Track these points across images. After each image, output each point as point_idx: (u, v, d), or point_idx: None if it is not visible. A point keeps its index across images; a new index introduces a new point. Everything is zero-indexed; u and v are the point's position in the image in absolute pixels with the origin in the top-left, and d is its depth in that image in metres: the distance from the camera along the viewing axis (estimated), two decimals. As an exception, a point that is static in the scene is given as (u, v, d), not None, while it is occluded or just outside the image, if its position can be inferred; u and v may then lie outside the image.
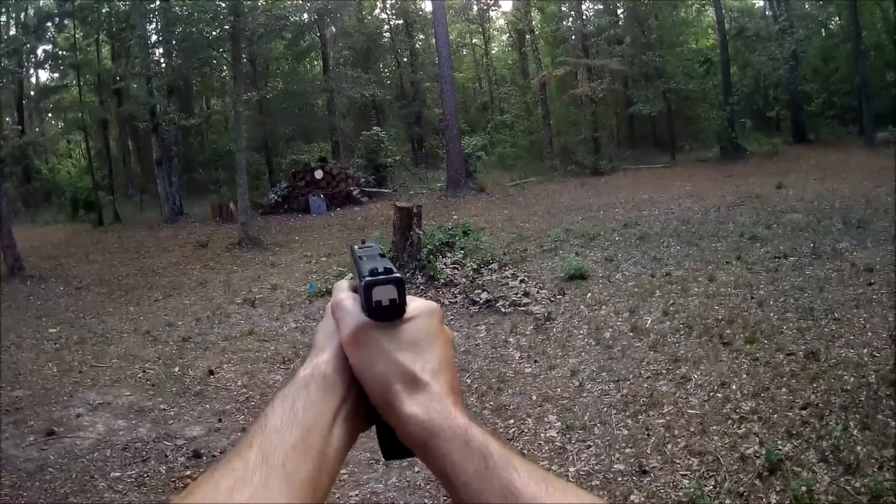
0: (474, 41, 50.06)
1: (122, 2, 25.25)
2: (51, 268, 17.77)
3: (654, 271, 11.79)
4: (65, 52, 34.71)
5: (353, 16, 39.27)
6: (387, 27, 43.74)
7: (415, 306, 0.79)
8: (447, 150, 27.39)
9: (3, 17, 31.69)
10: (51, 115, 43.86)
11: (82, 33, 31.05)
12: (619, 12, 37.79)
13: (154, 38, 26.02)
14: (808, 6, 34.20)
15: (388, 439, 0.77)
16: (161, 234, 23.30)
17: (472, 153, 28.26)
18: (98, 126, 34.46)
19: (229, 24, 19.78)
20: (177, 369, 9.24)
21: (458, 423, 0.71)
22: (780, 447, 5.61)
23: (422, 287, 11.78)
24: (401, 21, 42.36)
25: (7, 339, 11.13)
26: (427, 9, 38.09)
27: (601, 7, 38.00)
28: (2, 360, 10.05)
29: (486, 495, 0.66)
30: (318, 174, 26.29)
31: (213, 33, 21.57)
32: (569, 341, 9.01)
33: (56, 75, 39.48)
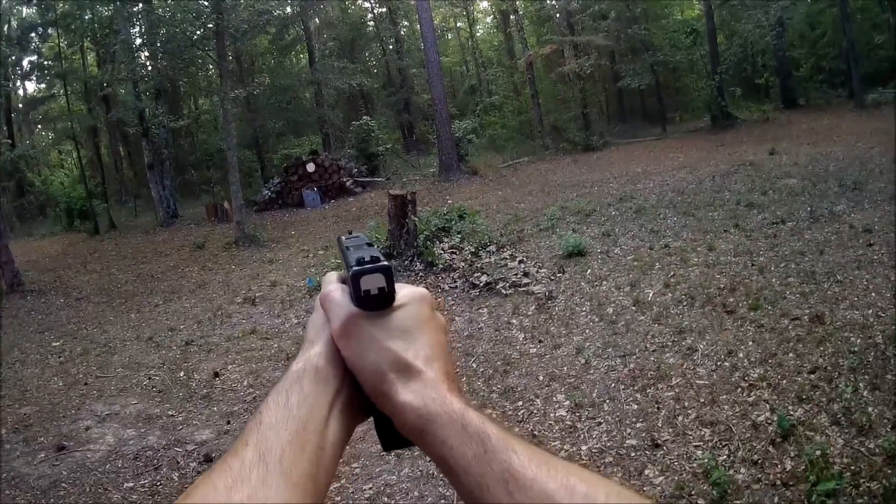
0: (459, 25, 50.10)
1: (105, 7, 25.09)
2: (50, 281, 17.78)
3: (652, 244, 11.77)
4: (50, 62, 34.84)
5: (337, 6, 39.25)
6: (370, 15, 43.70)
7: (404, 294, 0.79)
8: (438, 135, 27.34)
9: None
10: (40, 126, 43.91)
11: (66, 42, 30.99)
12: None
13: (138, 41, 25.92)
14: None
15: (386, 430, 0.77)
16: (157, 239, 23.37)
17: (462, 137, 28.26)
18: (88, 134, 34.47)
19: (213, 23, 19.69)
20: (182, 374, 9.25)
21: (453, 409, 0.70)
22: (792, 413, 5.60)
23: (421, 274, 11.76)
24: (384, 9, 42.31)
25: (11, 356, 11.17)
26: (410, -5, 37.98)
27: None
28: (8, 377, 10.08)
29: (486, 479, 0.65)
30: (311, 167, 26.30)
31: (197, 33, 21.47)
32: (572, 319, 8.99)
33: (43, 86, 39.69)
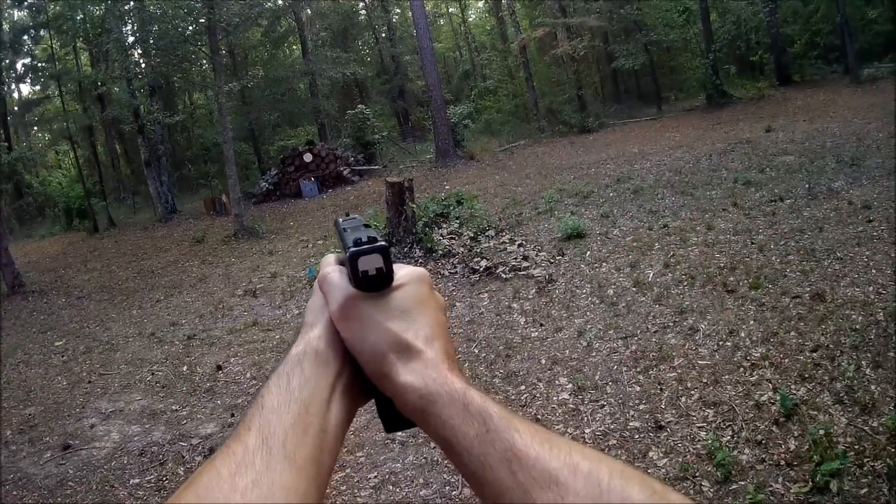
0: (451, 10, 49.97)
1: (96, 7, 25.00)
2: (50, 281, 17.81)
3: (651, 224, 11.74)
4: (44, 64, 34.85)
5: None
6: (362, 4, 43.44)
7: (402, 274, 0.78)
8: (433, 122, 27.32)
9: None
10: (36, 128, 43.85)
11: (59, 43, 31.01)
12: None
13: (131, 39, 25.92)
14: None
15: (388, 411, 0.76)
16: (157, 234, 23.37)
17: (458, 122, 28.20)
18: (84, 133, 34.52)
19: (204, 18, 19.64)
20: (185, 368, 9.26)
21: (455, 388, 0.70)
22: (794, 392, 5.61)
23: (420, 260, 11.71)
24: (375, -3, 42.09)
25: (15, 357, 11.21)
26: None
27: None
28: (12, 378, 10.11)
29: (489, 459, 0.65)
30: (307, 158, 26.25)
31: (190, 28, 21.45)
32: (573, 302, 8.98)
33: (37, 88, 39.64)
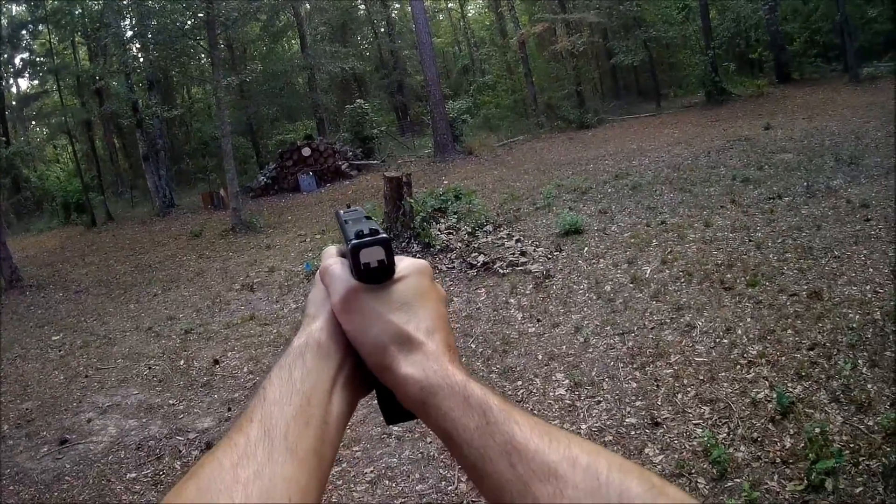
0: (450, 5, 49.92)
1: (95, 1, 24.98)
2: (48, 275, 17.80)
3: (649, 220, 11.74)
4: (42, 59, 34.81)
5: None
6: (361, -1, 43.39)
7: (404, 266, 0.79)
8: (432, 116, 27.33)
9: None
10: (34, 122, 43.74)
11: (57, 37, 30.97)
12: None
13: (129, 33, 25.83)
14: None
15: (388, 403, 0.77)
16: (154, 228, 23.39)
17: (456, 117, 28.17)
18: (82, 128, 34.47)
19: (203, 12, 19.62)
20: (182, 362, 9.26)
21: (455, 381, 0.70)
22: (791, 390, 5.61)
23: (418, 255, 11.68)
24: (374, -9, 42.01)
25: (12, 352, 11.20)
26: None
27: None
28: (9, 372, 10.11)
29: (489, 451, 0.65)
30: (306, 152, 26.25)
31: (188, 23, 21.43)
32: (570, 297, 8.98)
33: (35, 82, 39.57)
